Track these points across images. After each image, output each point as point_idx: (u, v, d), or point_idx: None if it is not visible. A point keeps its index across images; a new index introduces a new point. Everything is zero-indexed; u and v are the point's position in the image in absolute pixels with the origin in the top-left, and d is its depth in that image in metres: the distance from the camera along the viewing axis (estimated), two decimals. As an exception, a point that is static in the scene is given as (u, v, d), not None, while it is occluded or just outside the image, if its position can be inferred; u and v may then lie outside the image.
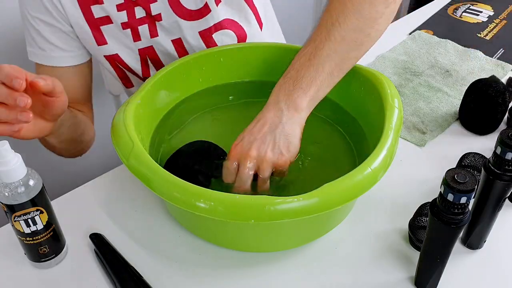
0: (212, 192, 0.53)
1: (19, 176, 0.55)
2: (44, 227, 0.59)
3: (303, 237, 0.64)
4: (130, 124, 0.62)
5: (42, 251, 0.61)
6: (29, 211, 0.57)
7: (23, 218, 0.57)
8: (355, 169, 0.56)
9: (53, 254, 0.62)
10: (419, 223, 0.63)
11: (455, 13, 1.23)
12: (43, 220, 0.59)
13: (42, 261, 0.62)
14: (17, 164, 0.54)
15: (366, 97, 0.72)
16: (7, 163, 0.53)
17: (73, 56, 0.83)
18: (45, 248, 0.61)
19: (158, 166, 0.57)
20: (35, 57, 0.82)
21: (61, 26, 0.80)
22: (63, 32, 0.81)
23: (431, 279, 0.58)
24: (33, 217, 0.57)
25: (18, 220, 0.57)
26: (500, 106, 0.80)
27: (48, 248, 0.61)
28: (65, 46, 0.82)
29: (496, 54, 1.05)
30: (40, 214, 0.58)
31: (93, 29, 0.81)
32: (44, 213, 0.58)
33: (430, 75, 0.98)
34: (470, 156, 0.74)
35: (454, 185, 0.49)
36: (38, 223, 0.58)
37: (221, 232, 0.64)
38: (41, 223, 0.59)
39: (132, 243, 0.66)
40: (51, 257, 0.62)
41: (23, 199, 0.55)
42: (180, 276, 0.62)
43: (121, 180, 0.75)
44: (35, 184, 0.56)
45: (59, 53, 0.82)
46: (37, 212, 0.57)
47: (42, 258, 0.62)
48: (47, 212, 0.59)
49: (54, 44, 0.81)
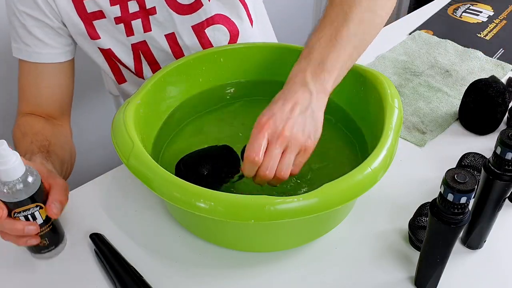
0: (212, 192, 0.53)
1: (18, 174, 0.55)
2: (44, 221, 0.60)
3: (303, 237, 0.64)
4: (130, 124, 0.62)
5: (43, 243, 0.62)
6: (29, 207, 0.57)
7: (23, 214, 0.57)
8: (355, 169, 0.56)
9: (53, 245, 0.63)
10: (419, 223, 0.63)
11: (455, 13, 1.23)
12: (42, 215, 0.59)
13: (43, 252, 0.63)
14: (16, 162, 0.54)
15: (366, 97, 0.72)
16: (6, 163, 0.54)
17: (58, 53, 0.82)
18: (45, 241, 0.62)
19: (158, 166, 0.57)
20: (19, 52, 0.81)
21: (49, 22, 0.79)
22: (51, 28, 0.80)
23: (431, 279, 0.58)
24: (33, 213, 0.58)
25: (18, 216, 0.57)
26: (500, 106, 0.80)
27: (48, 241, 0.62)
28: (51, 42, 0.81)
29: (496, 54, 1.06)
30: (40, 209, 0.58)
31: (86, 24, 0.80)
32: (44, 208, 0.59)
33: (430, 75, 0.98)
34: (470, 156, 0.74)
35: (454, 185, 0.49)
36: (38, 218, 0.59)
37: (221, 232, 0.64)
38: (41, 218, 0.59)
39: (132, 243, 0.66)
40: (51, 248, 0.63)
41: (22, 196, 0.56)
42: (180, 276, 0.62)
43: (121, 180, 0.75)
44: (33, 181, 0.57)
45: (44, 49, 0.80)
46: (36, 208, 0.58)
47: (43, 249, 0.63)
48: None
49: (40, 39, 0.80)
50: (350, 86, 0.73)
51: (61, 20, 0.80)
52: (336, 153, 0.74)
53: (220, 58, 0.81)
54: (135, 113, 0.65)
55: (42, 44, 0.80)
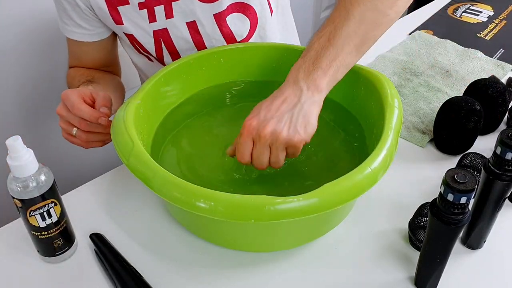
0: (212, 192, 0.53)
1: (31, 171, 0.56)
2: (58, 219, 0.60)
3: (303, 237, 0.64)
4: (130, 124, 0.62)
5: (57, 244, 0.62)
6: (44, 204, 0.58)
7: (38, 212, 0.58)
8: (355, 169, 0.56)
9: (66, 247, 0.63)
10: (419, 223, 0.63)
11: (455, 13, 1.23)
12: (57, 212, 0.60)
13: (57, 254, 0.63)
14: (29, 159, 0.55)
15: (366, 97, 0.72)
16: (20, 158, 0.54)
17: (90, 34, 0.87)
18: (59, 241, 0.62)
19: (158, 166, 0.57)
20: (63, 30, 0.87)
21: (80, 3, 0.82)
22: (81, 10, 0.83)
23: (431, 279, 0.58)
24: (48, 209, 0.58)
25: (33, 215, 0.58)
26: (500, 106, 0.80)
27: (62, 241, 0.62)
28: (82, 23, 0.85)
29: (496, 54, 1.06)
30: (55, 206, 0.59)
31: (111, 9, 0.82)
32: (58, 205, 0.60)
33: (430, 75, 0.98)
34: (470, 156, 0.74)
35: (454, 185, 0.49)
36: (53, 216, 0.59)
37: (221, 232, 0.64)
38: (56, 216, 0.60)
39: (132, 243, 0.66)
40: (64, 249, 0.63)
41: (35, 193, 0.56)
42: (180, 276, 0.62)
43: (121, 180, 0.75)
44: (46, 179, 0.57)
45: (78, 29, 0.86)
46: (51, 204, 0.58)
47: (57, 251, 0.63)
48: (59, 204, 0.60)
49: (73, 20, 0.85)
50: (350, 86, 0.73)
51: (89, 4, 0.82)
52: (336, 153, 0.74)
53: (220, 59, 0.81)
54: (135, 113, 0.65)
55: (75, 24, 0.85)
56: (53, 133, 1.28)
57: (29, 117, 1.24)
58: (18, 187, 0.56)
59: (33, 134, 1.25)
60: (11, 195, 0.57)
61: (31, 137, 1.24)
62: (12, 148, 0.54)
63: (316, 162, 0.71)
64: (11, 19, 1.10)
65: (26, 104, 1.22)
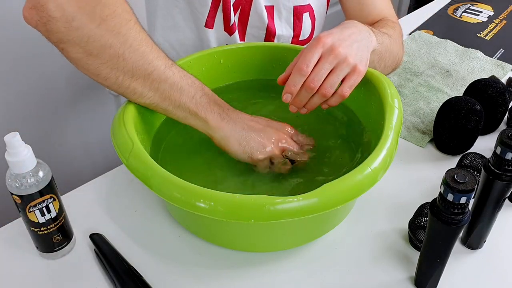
0: (212, 192, 0.53)
1: (29, 167, 0.56)
2: (57, 214, 0.60)
3: (303, 237, 0.64)
4: (130, 124, 0.62)
5: (56, 239, 0.62)
6: (43, 199, 0.58)
7: (38, 208, 0.58)
8: (355, 169, 0.55)
9: (65, 242, 0.63)
10: (419, 223, 0.63)
11: (455, 13, 1.23)
12: (56, 208, 0.60)
13: (56, 250, 0.63)
14: (28, 155, 0.55)
15: (366, 97, 0.72)
16: (18, 154, 0.54)
17: None
18: (58, 236, 0.62)
19: (158, 166, 0.57)
20: None
21: None
22: None
23: (431, 279, 0.58)
24: (47, 205, 0.59)
25: (33, 211, 0.58)
26: (500, 106, 0.80)
27: (61, 236, 0.62)
28: None
29: (496, 54, 1.06)
30: (53, 201, 0.59)
31: None
32: (56, 200, 0.60)
33: (430, 75, 0.98)
34: (470, 156, 0.74)
35: (454, 185, 0.49)
36: (52, 211, 0.59)
37: (221, 232, 0.64)
38: (54, 211, 0.60)
39: (132, 243, 0.66)
40: (63, 245, 0.63)
41: (33, 189, 0.56)
42: (180, 276, 0.62)
43: (121, 180, 0.75)
44: (44, 175, 0.57)
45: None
46: (50, 199, 0.59)
47: (56, 247, 0.63)
48: (58, 199, 0.60)
49: None
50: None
51: None
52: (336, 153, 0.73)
53: (220, 59, 0.81)
54: (135, 113, 0.65)
55: None
56: (53, 133, 1.29)
57: (29, 117, 1.24)
58: (17, 183, 0.56)
59: (33, 134, 1.25)
60: (10, 192, 0.57)
61: (31, 137, 1.24)
62: (10, 144, 0.54)
63: (316, 162, 0.71)
64: (11, 17, 1.10)
65: (26, 104, 1.22)
